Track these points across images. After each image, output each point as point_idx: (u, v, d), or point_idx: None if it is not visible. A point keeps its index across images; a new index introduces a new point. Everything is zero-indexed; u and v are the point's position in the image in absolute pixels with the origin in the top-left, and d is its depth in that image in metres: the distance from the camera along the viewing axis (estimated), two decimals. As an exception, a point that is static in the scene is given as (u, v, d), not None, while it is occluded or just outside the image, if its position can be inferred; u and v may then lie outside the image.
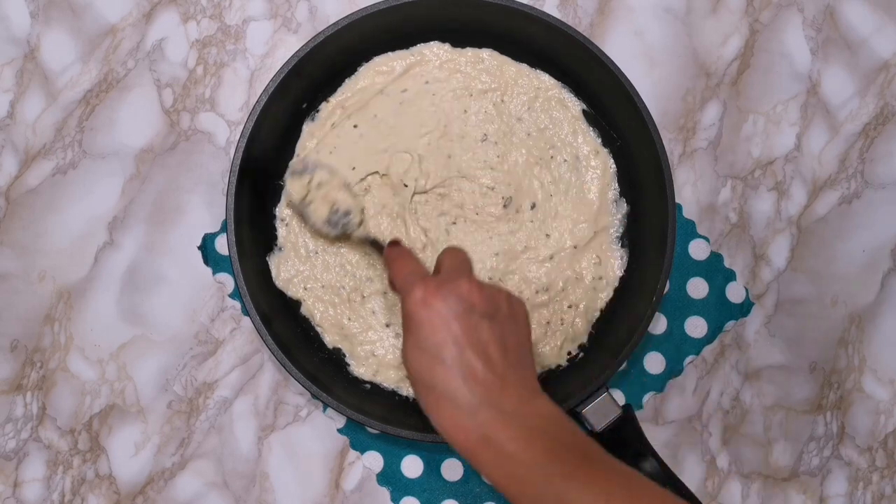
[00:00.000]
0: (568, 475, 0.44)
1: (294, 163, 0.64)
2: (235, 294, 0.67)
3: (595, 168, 0.65)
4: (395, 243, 0.54)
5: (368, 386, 0.64)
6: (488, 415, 0.45)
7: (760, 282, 0.68)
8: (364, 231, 0.62)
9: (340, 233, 0.62)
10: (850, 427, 0.67)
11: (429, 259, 0.64)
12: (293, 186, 0.62)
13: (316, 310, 0.64)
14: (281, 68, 0.61)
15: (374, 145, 0.64)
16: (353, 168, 0.64)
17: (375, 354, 0.64)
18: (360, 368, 0.64)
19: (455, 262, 0.51)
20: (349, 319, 0.64)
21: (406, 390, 0.64)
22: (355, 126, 0.65)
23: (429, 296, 0.46)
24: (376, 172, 0.64)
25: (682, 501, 0.46)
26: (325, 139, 0.65)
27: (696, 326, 0.67)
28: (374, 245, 0.60)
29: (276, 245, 0.64)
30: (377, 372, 0.64)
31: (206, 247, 0.67)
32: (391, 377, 0.64)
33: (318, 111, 0.65)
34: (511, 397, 0.46)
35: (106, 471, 0.66)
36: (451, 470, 0.65)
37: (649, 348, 0.67)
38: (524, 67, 0.66)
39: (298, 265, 0.64)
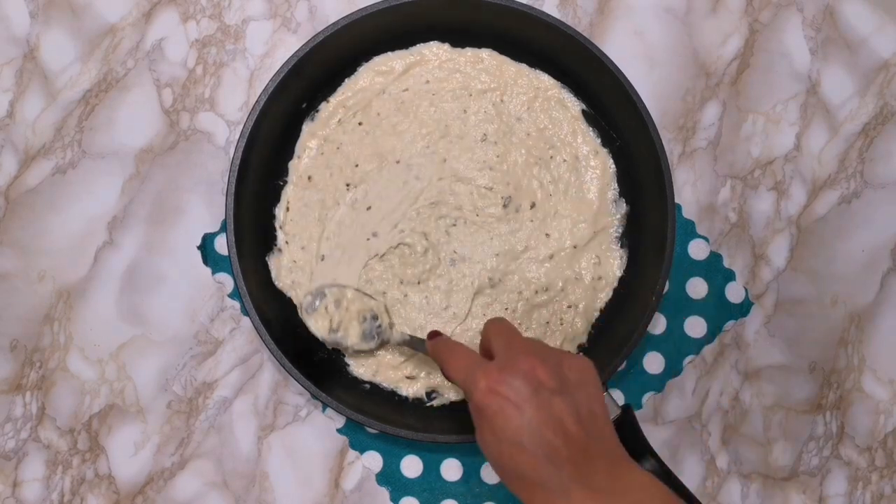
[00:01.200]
0: None
1: (303, 304, 0.62)
2: (235, 294, 0.67)
3: (594, 168, 0.65)
4: (435, 334, 0.54)
5: (368, 386, 0.64)
6: (581, 494, 0.44)
7: (760, 282, 0.68)
8: (399, 334, 0.61)
9: (379, 343, 0.62)
10: (850, 427, 0.67)
11: (427, 259, 0.64)
12: (316, 325, 0.61)
13: (315, 310, 0.64)
14: (280, 68, 0.61)
15: (378, 144, 0.65)
16: (357, 165, 0.64)
17: (375, 355, 0.64)
18: (360, 368, 0.64)
19: (505, 340, 0.49)
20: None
21: (405, 390, 0.64)
22: (360, 123, 0.65)
23: (493, 384, 0.45)
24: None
25: None
26: (330, 136, 0.65)
27: (695, 326, 0.67)
28: (414, 343, 0.60)
29: (275, 245, 0.64)
30: (377, 372, 0.64)
31: (206, 247, 0.67)
32: (390, 377, 0.64)
33: (317, 111, 0.65)
34: (600, 472, 0.44)
35: (105, 471, 0.66)
36: (451, 470, 0.65)
37: (649, 348, 0.67)
38: (524, 67, 0.66)
39: (298, 266, 0.64)
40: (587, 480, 0.44)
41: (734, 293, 0.67)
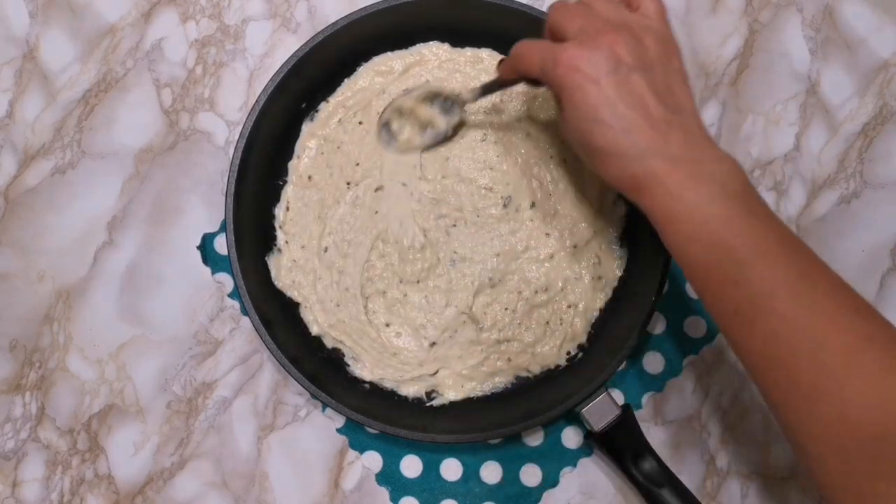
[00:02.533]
0: (725, 219, 0.45)
1: (381, 139, 0.63)
2: (235, 294, 0.67)
3: (594, 168, 0.65)
4: (503, 60, 0.55)
5: (368, 386, 0.64)
6: (655, 160, 0.46)
7: (760, 282, 0.68)
8: (469, 92, 0.61)
9: (462, 111, 0.63)
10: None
11: (427, 259, 0.64)
12: (405, 145, 0.63)
13: (315, 310, 0.64)
14: (280, 68, 0.61)
15: (378, 143, 0.65)
16: (357, 164, 0.64)
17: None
18: (360, 368, 0.64)
19: (579, 21, 0.49)
20: (349, 319, 0.64)
21: (405, 390, 0.64)
22: (360, 123, 0.65)
23: (573, 60, 0.46)
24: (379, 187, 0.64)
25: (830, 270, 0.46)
26: (330, 136, 0.65)
27: (695, 326, 0.67)
28: (491, 86, 0.59)
29: (275, 245, 0.64)
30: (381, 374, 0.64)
31: (206, 247, 0.67)
32: (390, 377, 0.64)
33: (317, 111, 0.65)
34: (676, 143, 0.46)
35: (105, 471, 0.66)
36: (451, 470, 0.65)
37: (648, 348, 0.67)
38: (523, 67, 0.66)
39: (298, 266, 0.64)
40: (663, 149, 0.46)
41: (734, 293, 0.67)
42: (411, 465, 0.66)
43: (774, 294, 0.44)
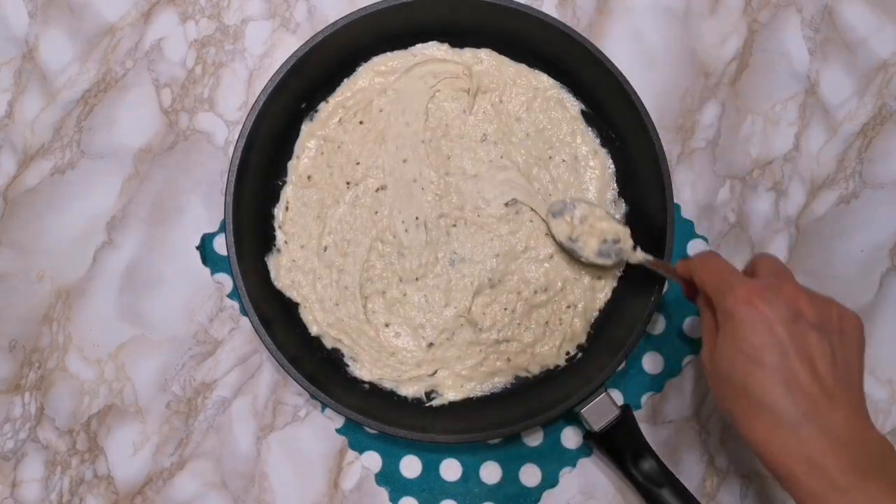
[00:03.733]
0: None
1: (552, 204, 0.63)
2: (234, 294, 0.67)
3: (594, 168, 0.65)
4: (699, 255, 0.51)
5: (367, 386, 0.64)
6: (814, 434, 0.41)
7: (759, 282, 0.68)
8: (641, 254, 0.60)
9: (616, 260, 0.62)
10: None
11: (427, 259, 0.64)
12: (557, 228, 0.63)
13: (315, 310, 0.64)
14: (280, 68, 0.61)
15: (379, 142, 0.65)
16: (358, 163, 0.64)
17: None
18: (359, 368, 0.64)
19: (777, 267, 0.47)
20: (348, 319, 0.64)
21: (405, 390, 0.64)
22: (361, 122, 0.65)
23: (753, 295, 0.43)
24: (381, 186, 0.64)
25: None
26: (330, 136, 0.65)
27: (694, 326, 0.67)
28: (656, 264, 0.59)
29: (274, 245, 0.64)
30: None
31: (205, 247, 0.67)
32: (389, 377, 0.64)
33: (316, 111, 0.65)
34: (840, 419, 0.42)
35: (104, 471, 0.66)
36: (450, 470, 0.65)
37: (648, 348, 0.67)
38: (523, 68, 0.66)
39: (297, 265, 0.64)
40: (823, 421, 0.41)
41: (733, 293, 0.67)
42: (411, 466, 0.66)
43: None
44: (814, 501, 0.41)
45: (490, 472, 0.65)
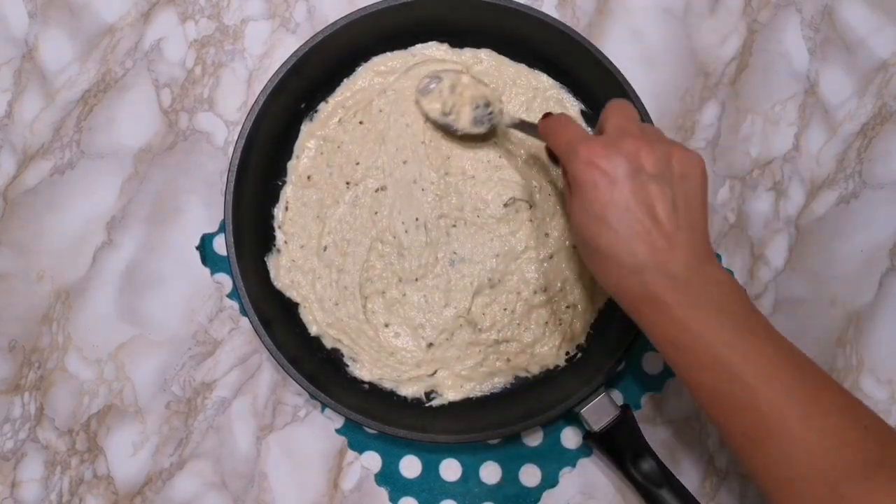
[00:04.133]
0: (731, 345, 0.44)
1: (419, 86, 0.63)
2: (234, 294, 0.67)
3: (593, 168, 0.65)
4: (548, 115, 0.54)
5: (367, 386, 0.64)
6: (655, 277, 0.44)
7: (758, 282, 0.68)
8: (509, 118, 0.61)
9: (489, 127, 0.62)
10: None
11: (426, 259, 0.64)
12: (430, 106, 0.62)
13: (314, 310, 0.64)
14: (279, 68, 0.61)
15: (379, 142, 0.65)
16: (358, 163, 0.64)
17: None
18: (359, 368, 0.64)
19: (621, 121, 0.48)
20: (347, 319, 0.64)
21: (404, 390, 0.64)
22: (361, 122, 0.65)
23: (594, 156, 0.45)
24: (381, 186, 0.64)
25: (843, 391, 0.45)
26: (330, 136, 0.65)
27: (694, 326, 0.67)
28: (525, 126, 0.59)
29: (274, 246, 0.64)
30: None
31: (205, 247, 0.67)
32: (388, 377, 0.64)
33: (316, 111, 0.65)
34: (679, 260, 0.45)
35: (104, 471, 0.66)
36: (450, 470, 0.65)
37: (647, 348, 0.67)
38: (522, 68, 0.66)
39: (297, 265, 0.64)
40: (663, 266, 0.45)
41: (733, 293, 0.67)
42: (410, 466, 0.66)
43: (785, 417, 0.43)
44: (651, 329, 0.46)
45: (490, 473, 0.65)
